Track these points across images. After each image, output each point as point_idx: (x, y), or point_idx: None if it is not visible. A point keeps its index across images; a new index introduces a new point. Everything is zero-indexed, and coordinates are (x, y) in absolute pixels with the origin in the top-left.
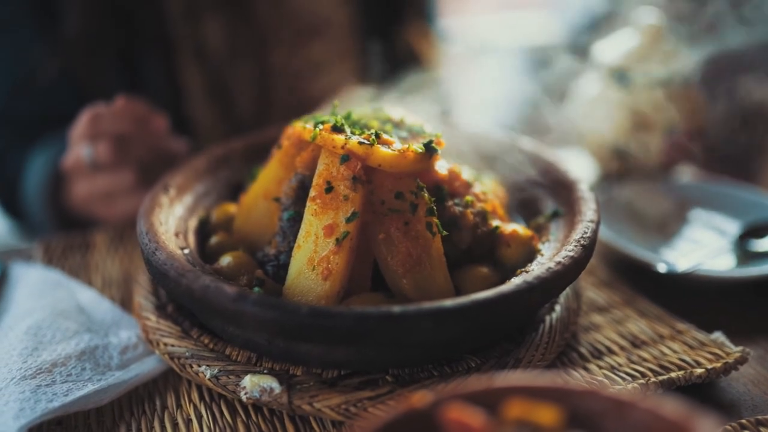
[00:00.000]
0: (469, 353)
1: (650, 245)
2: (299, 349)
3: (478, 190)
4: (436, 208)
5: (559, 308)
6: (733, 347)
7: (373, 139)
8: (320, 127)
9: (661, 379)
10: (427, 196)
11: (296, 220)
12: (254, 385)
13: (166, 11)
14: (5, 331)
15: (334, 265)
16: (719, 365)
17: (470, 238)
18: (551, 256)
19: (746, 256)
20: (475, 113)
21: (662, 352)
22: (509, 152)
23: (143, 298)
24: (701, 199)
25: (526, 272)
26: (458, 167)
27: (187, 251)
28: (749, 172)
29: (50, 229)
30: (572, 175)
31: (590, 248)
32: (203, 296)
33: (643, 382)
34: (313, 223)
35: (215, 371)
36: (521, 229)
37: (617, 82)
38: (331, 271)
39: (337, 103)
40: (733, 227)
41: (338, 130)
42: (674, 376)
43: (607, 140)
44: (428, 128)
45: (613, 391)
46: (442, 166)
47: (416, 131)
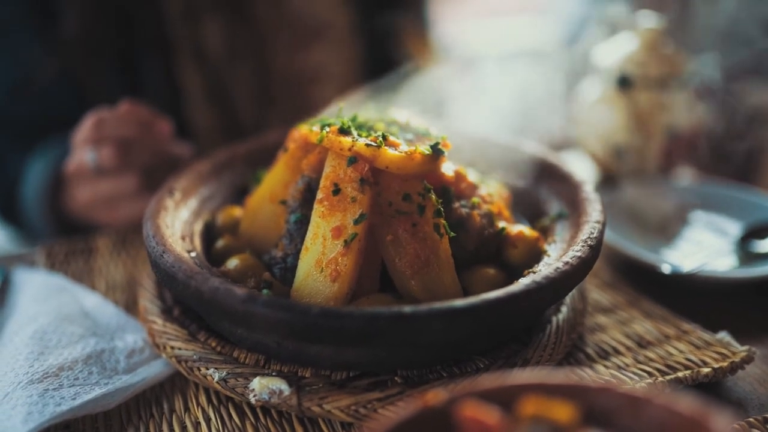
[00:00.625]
0: (477, 354)
1: (652, 247)
2: (308, 350)
3: (483, 192)
4: (443, 209)
5: (565, 309)
6: (739, 346)
7: (380, 141)
8: (327, 129)
9: (668, 378)
10: (434, 197)
11: (303, 222)
12: (263, 387)
13: (165, 12)
14: (10, 336)
15: (342, 266)
16: (726, 364)
17: (477, 239)
18: (558, 256)
19: (748, 257)
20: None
21: (668, 352)
22: (512, 154)
23: (149, 301)
24: (702, 200)
25: (533, 273)
26: (464, 169)
27: (194, 254)
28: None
29: (48, 234)
30: (577, 176)
31: (597, 248)
32: (212, 298)
33: (650, 381)
34: (320, 225)
35: (223, 374)
36: (527, 230)
37: (617, 84)
38: (339, 272)
39: (342, 105)
40: (734, 228)
41: (345, 132)
42: (681, 375)
43: (606, 143)
44: (434, 131)
45: (627, 387)
46: (448, 168)
47: (422, 133)
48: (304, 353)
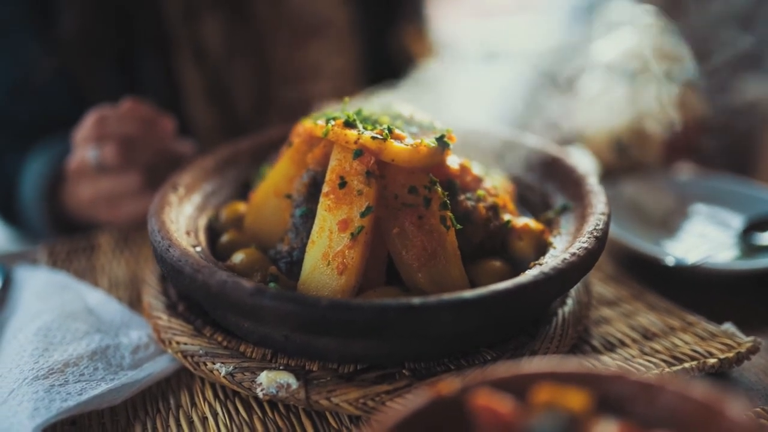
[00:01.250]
0: (484, 346)
1: (654, 240)
2: (316, 343)
3: (488, 185)
4: (449, 202)
5: (570, 302)
6: (744, 337)
7: (386, 134)
8: (332, 123)
9: (674, 369)
10: (440, 190)
11: (309, 216)
12: (271, 381)
13: (164, 11)
14: (13, 333)
15: (349, 259)
16: (732, 355)
17: (483, 232)
18: (565, 248)
19: (750, 249)
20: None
21: (674, 343)
22: (515, 148)
23: (153, 297)
24: (703, 194)
25: (539, 265)
26: (468, 162)
27: (199, 249)
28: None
29: (47, 234)
30: (580, 169)
31: (603, 240)
32: (220, 291)
33: (657, 372)
34: (326, 218)
35: (230, 368)
36: (533, 223)
37: (618, 79)
38: (346, 265)
39: (347, 99)
40: (735, 222)
41: (350, 125)
42: (688, 366)
43: (607, 137)
44: (438, 124)
45: (640, 375)
46: (453, 161)
47: (426, 127)
48: (311, 347)
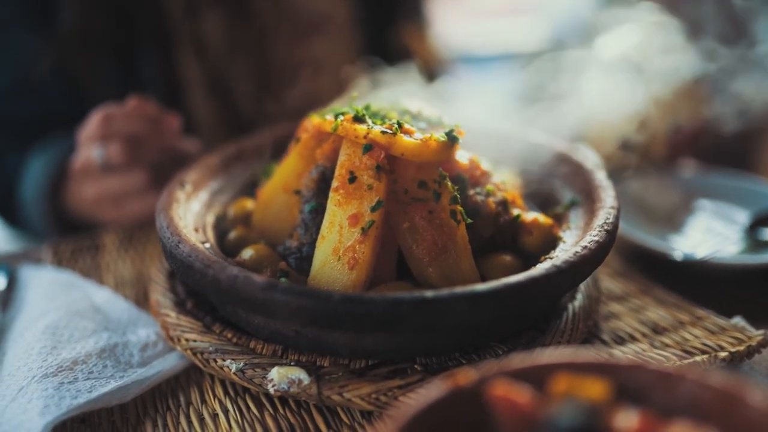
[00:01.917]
0: (495, 341)
1: (661, 236)
2: (327, 339)
3: (497, 179)
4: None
5: (580, 296)
6: (754, 331)
7: (395, 128)
8: (341, 118)
9: (686, 363)
10: (450, 184)
11: (318, 211)
12: (282, 377)
13: (165, 6)
14: (20, 331)
15: (360, 254)
16: (742, 348)
17: (492, 226)
18: (575, 242)
19: (757, 244)
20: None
21: (684, 337)
22: (522, 144)
23: (161, 295)
24: (708, 190)
25: (550, 258)
26: (477, 157)
27: (207, 245)
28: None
29: (48, 234)
30: (589, 163)
31: (613, 233)
32: (231, 286)
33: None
34: (337, 213)
35: (241, 365)
36: (542, 217)
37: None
38: (357, 260)
39: (355, 94)
40: (741, 217)
41: (360, 120)
42: (699, 359)
43: (611, 134)
44: (446, 119)
45: (658, 364)
46: (462, 155)
47: (434, 122)
48: (322, 342)
